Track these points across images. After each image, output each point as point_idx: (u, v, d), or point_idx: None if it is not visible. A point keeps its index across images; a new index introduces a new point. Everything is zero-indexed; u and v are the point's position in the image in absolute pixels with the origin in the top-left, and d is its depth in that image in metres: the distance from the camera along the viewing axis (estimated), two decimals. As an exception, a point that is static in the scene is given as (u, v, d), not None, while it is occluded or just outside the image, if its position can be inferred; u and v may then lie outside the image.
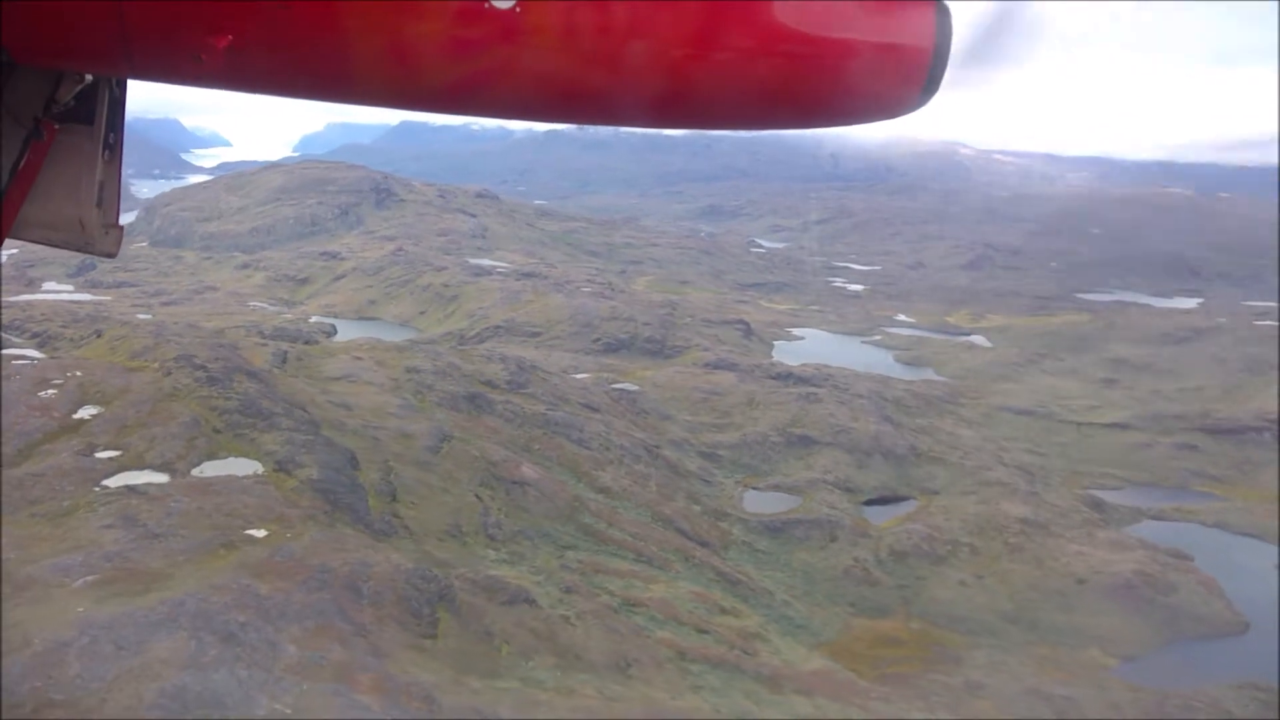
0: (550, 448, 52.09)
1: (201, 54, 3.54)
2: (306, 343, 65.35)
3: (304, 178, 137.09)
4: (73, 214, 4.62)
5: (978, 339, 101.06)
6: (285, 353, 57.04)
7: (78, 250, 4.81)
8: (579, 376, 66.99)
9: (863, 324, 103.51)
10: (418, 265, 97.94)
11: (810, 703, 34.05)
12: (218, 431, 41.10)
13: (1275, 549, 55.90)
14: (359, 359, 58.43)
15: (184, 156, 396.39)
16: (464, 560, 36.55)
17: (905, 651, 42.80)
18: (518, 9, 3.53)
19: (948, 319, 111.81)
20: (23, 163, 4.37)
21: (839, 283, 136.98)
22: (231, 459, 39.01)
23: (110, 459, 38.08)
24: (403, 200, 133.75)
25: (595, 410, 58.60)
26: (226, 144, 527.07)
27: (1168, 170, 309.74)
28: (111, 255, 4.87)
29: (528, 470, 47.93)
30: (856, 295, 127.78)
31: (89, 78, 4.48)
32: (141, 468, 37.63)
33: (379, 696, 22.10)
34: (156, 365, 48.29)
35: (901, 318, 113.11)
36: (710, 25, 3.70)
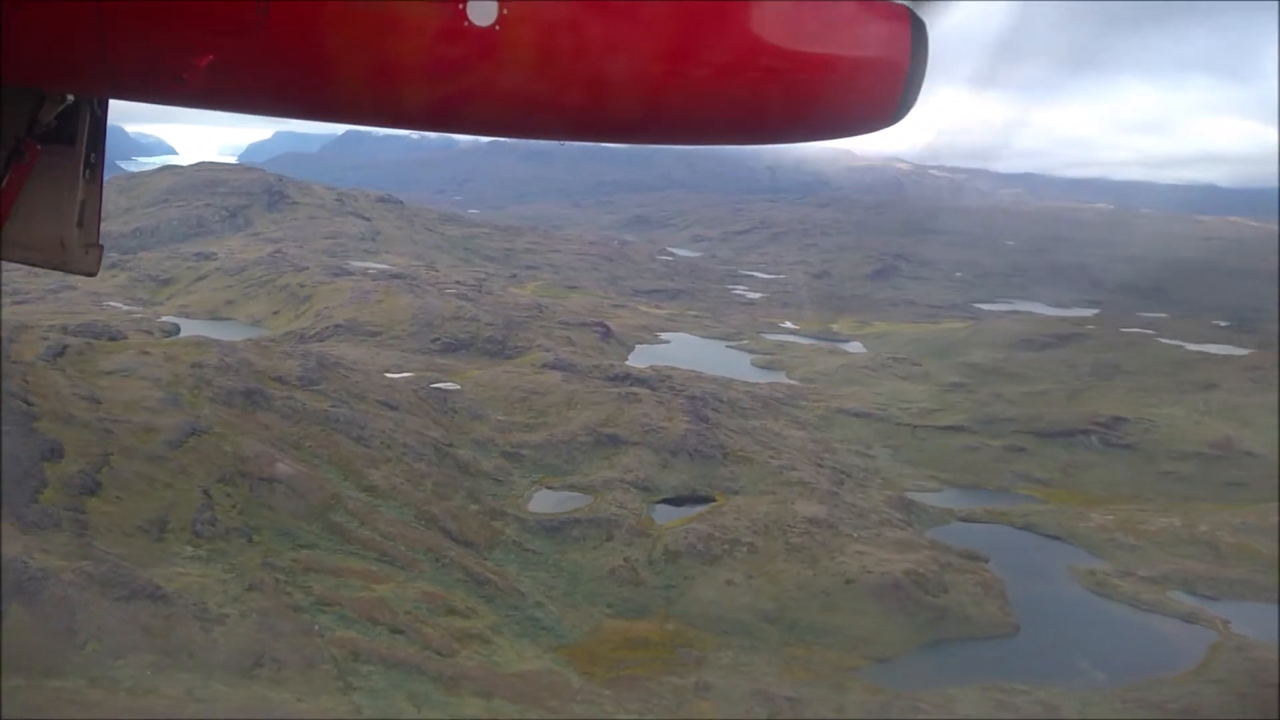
0: (323, 445, 50.13)
1: (183, 74, 3.52)
2: (111, 339, 62.74)
3: (195, 180, 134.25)
4: (54, 234, 4.61)
5: (853, 345, 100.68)
6: (65, 347, 54.55)
7: (57, 269, 4.75)
8: (398, 375, 65.13)
9: (738, 329, 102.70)
10: (281, 266, 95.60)
11: (486, 705, 32.39)
12: (-89, 422, 38.68)
13: (1078, 550, 55.46)
14: (146, 354, 56.09)
15: (123, 164, 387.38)
16: (143, 557, 34.52)
17: (649, 653, 41.29)
18: (497, 28, 3.52)
19: (832, 326, 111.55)
20: (4, 183, 4.33)
21: (739, 290, 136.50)
22: (-88, 450, 36.63)
23: None
24: (295, 203, 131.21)
25: (393, 408, 56.73)
26: (172, 152, 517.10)
27: (1097, 186, 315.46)
28: (91, 274, 4.91)
29: (283, 467, 45.89)
30: (751, 302, 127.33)
31: (70, 98, 4.45)
32: None
33: None
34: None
35: (788, 324, 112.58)
36: (687, 41, 3.69)
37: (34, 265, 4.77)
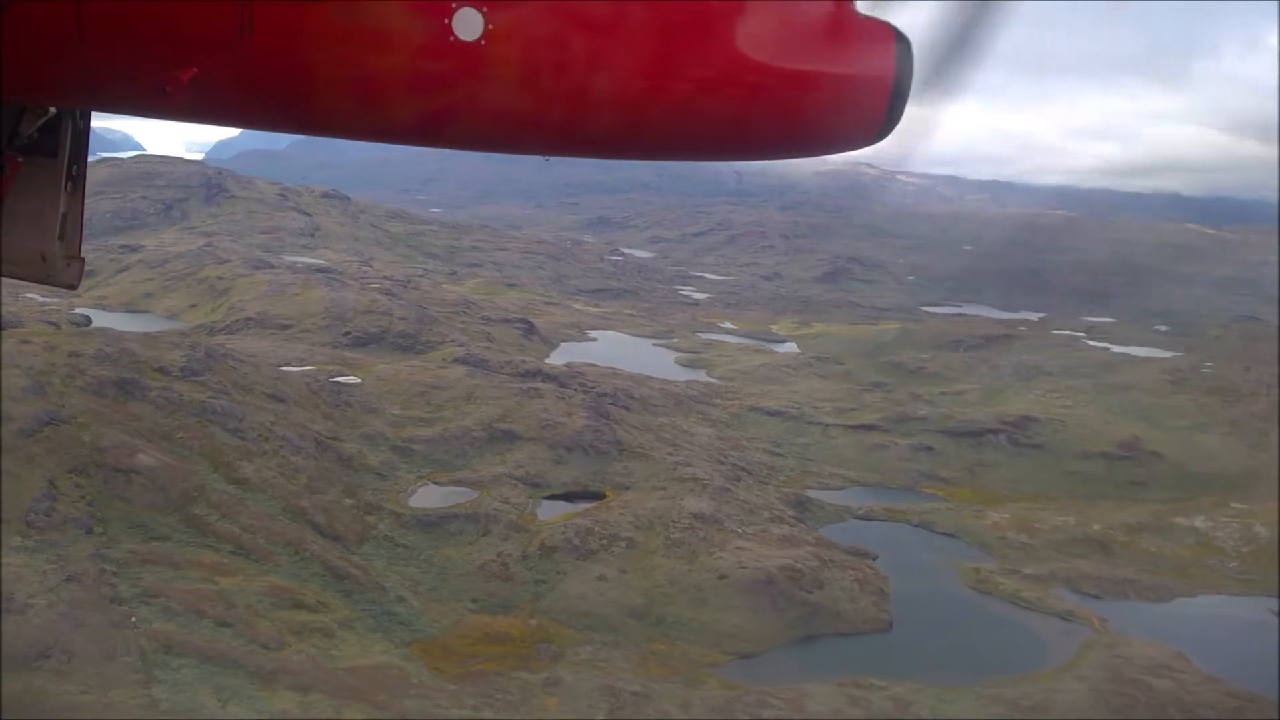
0: (196, 436, 48.93)
1: (166, 86, 3.44)
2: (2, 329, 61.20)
3: (133, 171, 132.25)
4: (35, 246, 4.50)
5: (788, 346, 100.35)
6: (-60, 335, 53.14)
7: (38, 282, 4.64)
8: (297, 368, 63.94)
9: (672, 329, 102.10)
10: (206, 259, 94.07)
11: (301, 699, 31.47)
12: None
13: (970, 548, 55.19)
14: (26, 343, 54.64)
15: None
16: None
17: (506, 649, 40.44)
18: (483, 42, 3.47)
19: (771, 326, 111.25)
20: None
21: (686, 290, 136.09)
22: None
23: None
24: (235, 197, 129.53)
25: (280, 401, 55.59)
26: (140, 148, 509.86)
27: (1063, 194, 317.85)
28: (73, 287, 4.81)
29: (145, 458, 44.71)
30: (695, 303, 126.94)
31: (52, 110, 4.39)
32: None
33: None
34: None
35: (728, 325, 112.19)
36: (670, 57, 3.67)
37: (14, 279, 4.58)
